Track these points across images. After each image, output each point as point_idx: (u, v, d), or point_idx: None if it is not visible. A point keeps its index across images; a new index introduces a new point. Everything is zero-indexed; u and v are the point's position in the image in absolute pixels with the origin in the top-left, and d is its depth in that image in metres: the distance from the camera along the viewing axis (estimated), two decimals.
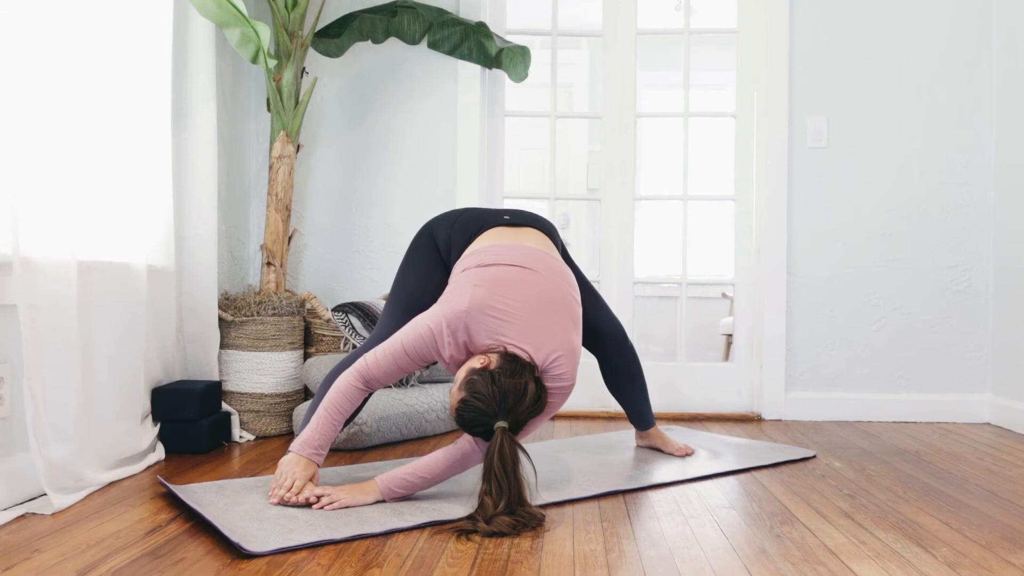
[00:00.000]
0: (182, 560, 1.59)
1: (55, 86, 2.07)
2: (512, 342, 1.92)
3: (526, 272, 2.03)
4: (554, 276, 2.06)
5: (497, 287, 1.97)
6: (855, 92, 3.40)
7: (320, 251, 3.44)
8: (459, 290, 1.98)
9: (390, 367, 1.97)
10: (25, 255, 1.92)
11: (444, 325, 1.93)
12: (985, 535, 1.81)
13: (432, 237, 2.27)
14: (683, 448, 2.59)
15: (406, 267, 2.29)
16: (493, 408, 1.82)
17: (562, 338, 1.97)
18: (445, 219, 2.29)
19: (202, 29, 2.80)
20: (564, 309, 2.02)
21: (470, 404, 1.84)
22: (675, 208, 3.64)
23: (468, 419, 1.85)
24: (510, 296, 1.96)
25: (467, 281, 2.00)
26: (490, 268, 2.02)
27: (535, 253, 2.09)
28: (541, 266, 2.06)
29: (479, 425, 1.85)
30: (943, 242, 3.38)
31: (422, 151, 3.44)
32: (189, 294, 2.81)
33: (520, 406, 1.84)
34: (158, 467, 2.39)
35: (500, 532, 1.75)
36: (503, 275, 2.00)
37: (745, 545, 1.73)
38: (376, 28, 3.25)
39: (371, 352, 1.99)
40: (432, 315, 1.96)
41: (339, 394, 1.96)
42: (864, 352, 3.39)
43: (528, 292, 1.99)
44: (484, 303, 1.94)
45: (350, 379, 1.97)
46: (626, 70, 3.53)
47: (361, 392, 1.98)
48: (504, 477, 1.78)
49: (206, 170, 2.83)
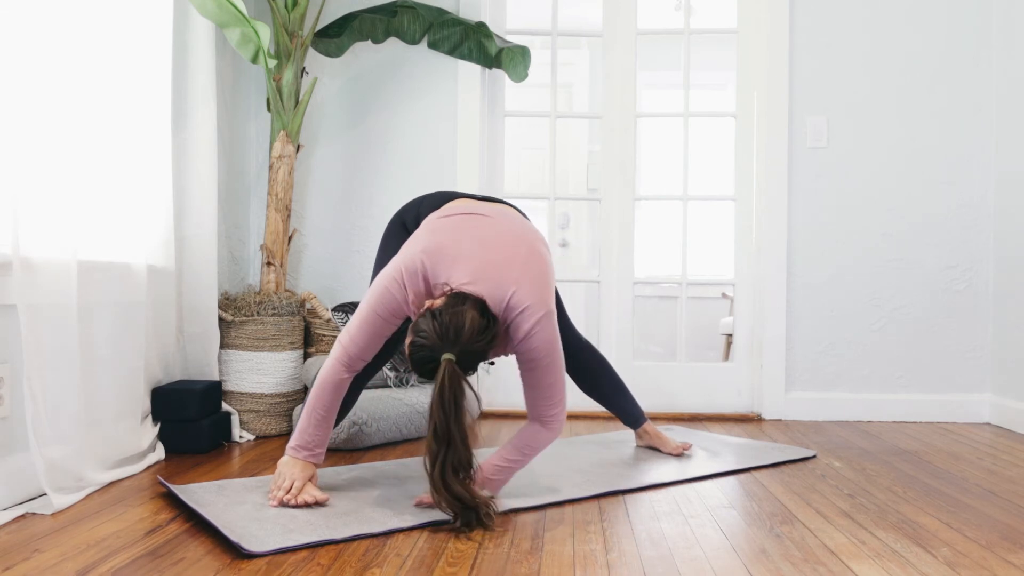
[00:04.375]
0: (182, 560, 1.59)
1: (55, 86, 2.06)
2: (462, 283, 1.86)
3: (480, 217, 1.99)
4: (514, 223, 2.01)
5: (450, 231, 1.94)
6: (855, 92, 3.40)
7: (320, 251, 3.44)
8: (414, 239, 1.97)
9: (366, 337, 1.93)
10: (25, 255, 1.92)
11: (403, 273, 1.89)
12: (985, 535, 1.81)
13: (401, 222, 2.24)
14: (679, 446, 2.59)
15: (381, 253, 2.25)
16: (435, 341, 1.77)
17: (521, 270, 1.89)
18: (411, 203, 2.27)
19: (202, 29, 2.80)
20: (524, 245, 1.95)
21: (415, 343, 1.80)
22: (675, 208, 3.63)
23: (417, 359, 1.80)
24: (462, 238, 1.92)
25: (422, 230, 1.99)
26: (446, 218, 2.00)
27: (496, 207, 2.07)
28: (498, 214, 2.02)
29: (427, 362, 1.79)
30: (943, 242, 3.38)
31: (422, 151, 3.44)
32: (189, 294, 2.81)
33: (463, 336, 1.76)
34: (158, 467, 2.39)
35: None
36: (457, 222, 1.98)
37: (745, 545, 1.73)
38: (376, 28, 3.25)
39: (343, 333, 1.95)
40: (391, 267, 1.93)
41: (323, 388, 1.95)
42: (864, 352, 3.39)
43: (482, 232, 1.94)
44: (436, 245, 1.90)
45: (331, 369, 1.95)
46: (626, 70, 3.53)
47: (345, 379, 1.96)
48: (441, 413, 1.72)
49: (206, 170, 2.83)
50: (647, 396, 3.29)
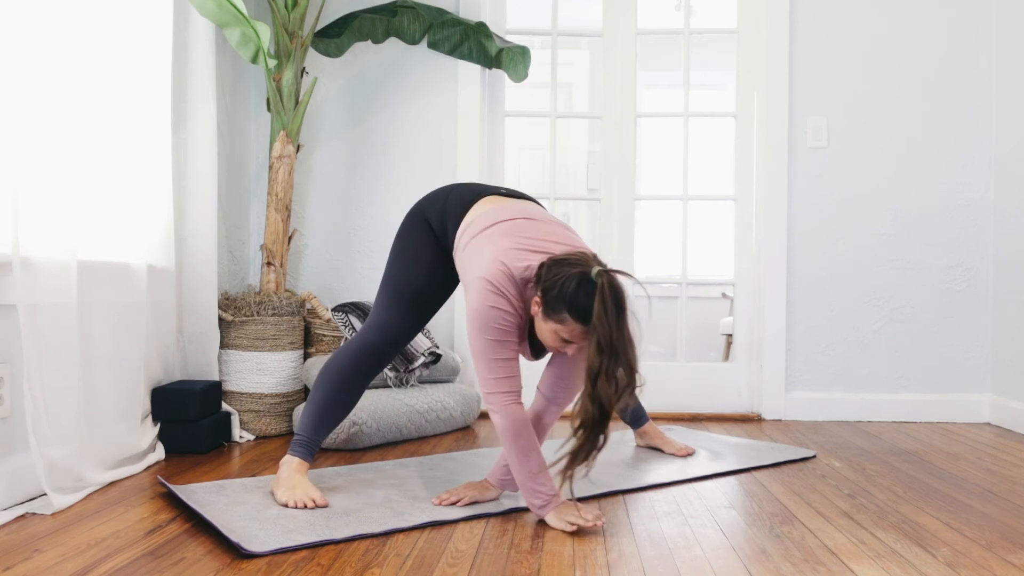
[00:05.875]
0: (182, 560, 1.59)
1: (55, 86, 2.07)
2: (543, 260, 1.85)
3: (528, 220, 1.97)
4: (554, 222, 2.02)
5: (508, 234, 1.91)
6: (855, 92, 3.40)
7: (320, 251, 3.44)
8: (478, 257, 1.89)
9: (513, 365, 1.86)
10: (25, 255, 1.92)
11: (496, 290, 1.82)
12: (985, 535, 1.81)
13: (423, 216, 2.14)
14: (683, 448, 2.59)
15: (396, 251, 2.16)
16: (580, 266, 1.75)
17: (580, 244, 1.92)
18: (435, 196, 2.17)
19: (202, 29, 2.80)
20: (575, 235, 1.98)
21: (563, 282, 1.74)
22: (675, 208, 3.63)
23: (573, 292, 1.73)
24: (523, 234, 1.91)
25: (480, 245, 1.92)
26: (493, 226, 1.95)
27: (534, 208, 2.05)
28: (540, 215, 2.01)
29: (584, 285, 1.73)
30: (943, 242, 3.38)
31: (422, 151, 3.44)
32: (189, 294, 2.81)
33: (595, 258, 1.79)
34: (158, 467, 2.39)
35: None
36: (509, 227, 1.94)
37: (745, 545, 1.73)
38: (376, 28, 3.25)
39: (489, 384, 1.84)
40: (479, 298, 1.83)
41: (521, 432, 1.85)
42: (864, 352, 3.39)
43: (538, 228, 1.94)
44: (508, 247, 1.87)
45: (512, 413, 1.84)
46: (626, 70, 3.53)
47: (524, 411, 1.89)
48: (606, 322, 1.68)
49: (206, 170, 2.83)
50: (647, 396, 3.25)
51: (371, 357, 2.11)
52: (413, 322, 2.13)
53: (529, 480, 1.85)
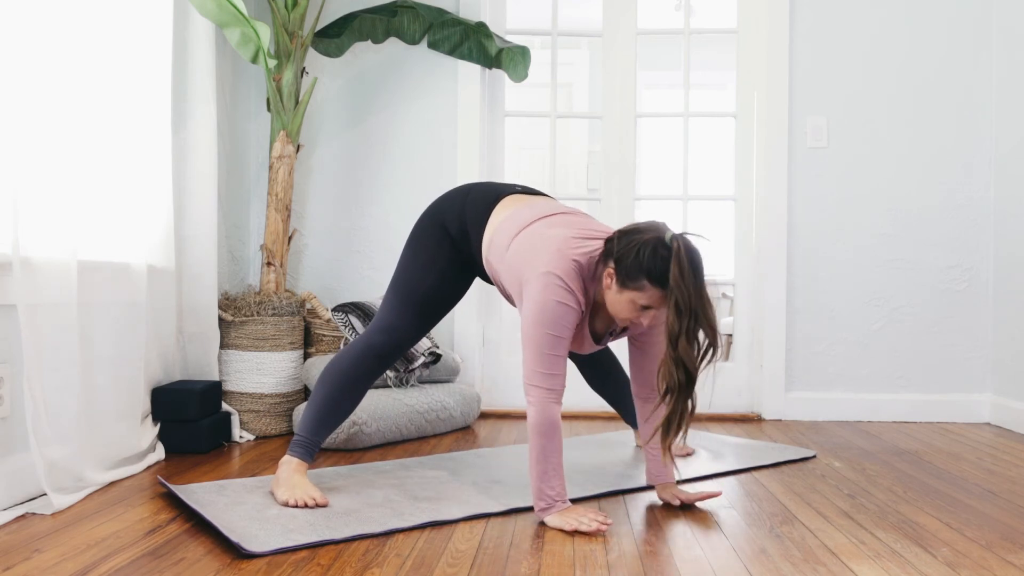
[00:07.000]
0: (182, 560, 1.59)
1: (55, 86, 2.07)
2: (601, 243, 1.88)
3: (565, 214, 1.99)
4: (584, 214, 2.04)
5: (559, 226, 1.92)
6: (855, 92, 3.40)
7: (320, 251, 3.44)
8: (532, 253, 1.88)
9: (562, 363, 1.85)
10: (25, 255, 1.92)
11: (564, 285, 1.82)
12: (985, 535, 1.81)
13: (439, 220, 2.11)
14: (683, 448, 2.59)
15: (408, 254, 2.13)
16: (653, 231, 1.79)
17: None
18: (451, 199, 2.14)
19: (202, 29, 2.80)
20: (607, 225, 2.01)
21: (639, 249, 1.77)
22: (675, 208, 3.63)
23: (649, 256, 1.76)
24: (573, 224, 1.93)
25: (531, 241, 1.90)
26: (536, 222, 1.94)
27: (560, 203, 2.06)
28: (569, 209, 2.04)
29: (660, 249, 1.76)
30: (943, 242, 3.38)
31: (422, 151, 3.44)
32: (189, 294, 2.81)
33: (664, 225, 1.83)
34: (158, 467, 2.39)
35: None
36: (554, 220, 1.95)
37: (745, 545, 1.73)
38: (376, 28, 3.25)
39: (533, 377, 1.84)
40: (545, 292, 1.82)
41: (550, 434, 1.84)
42: (864, 352, 3.39)
43: (579, 219, 1.97)
44: (567, 236, 1.88)
45: (548, 411, 1.83)
46: (626, 70, 3.53)
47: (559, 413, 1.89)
48: (683, 285, 1.71)
49: (206, 170, 2.83)
50: None
51: (374, 360, 2.11)
52: (419, 327, 2.13)
53: (539, 480, 1.84)
